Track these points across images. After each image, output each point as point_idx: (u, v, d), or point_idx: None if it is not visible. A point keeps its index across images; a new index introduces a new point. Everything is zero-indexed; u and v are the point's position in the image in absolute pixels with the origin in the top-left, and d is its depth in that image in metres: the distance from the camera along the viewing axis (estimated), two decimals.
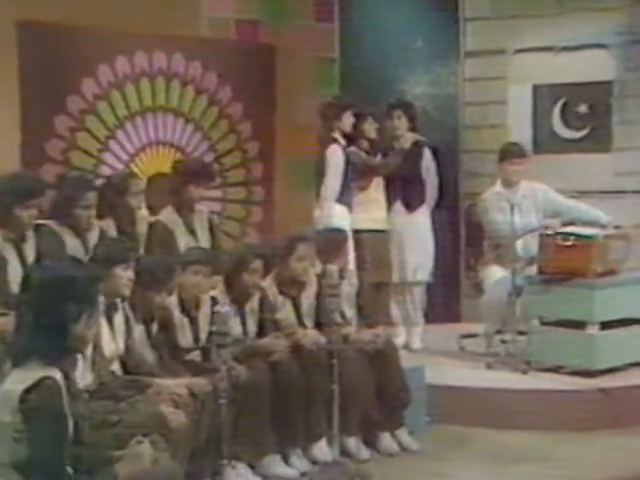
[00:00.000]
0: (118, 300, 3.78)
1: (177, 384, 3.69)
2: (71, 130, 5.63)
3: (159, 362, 3.91)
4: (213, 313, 3.89)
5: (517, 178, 5.41)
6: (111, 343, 3.71)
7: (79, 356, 3.08)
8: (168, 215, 4.72)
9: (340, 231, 4.98)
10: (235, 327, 4.17)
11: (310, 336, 4.29)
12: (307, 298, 4.49)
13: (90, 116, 5.73)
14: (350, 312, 4.71)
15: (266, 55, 6.47)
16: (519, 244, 5.23)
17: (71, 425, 2.65)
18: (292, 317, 4.44)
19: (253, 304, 4.31)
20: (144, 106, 5.99)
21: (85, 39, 5.61)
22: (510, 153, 5.46)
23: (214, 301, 4.12)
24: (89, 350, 3.47)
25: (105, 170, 5.73)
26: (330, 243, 4.72)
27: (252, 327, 4.30)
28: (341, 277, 4.63)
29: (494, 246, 5.45)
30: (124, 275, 3.73)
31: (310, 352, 4.20)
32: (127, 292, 3.77)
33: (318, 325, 4.43)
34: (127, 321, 3.84)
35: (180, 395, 3.62)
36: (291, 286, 4.46)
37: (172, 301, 4.05)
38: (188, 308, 4.09)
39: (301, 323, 4.46)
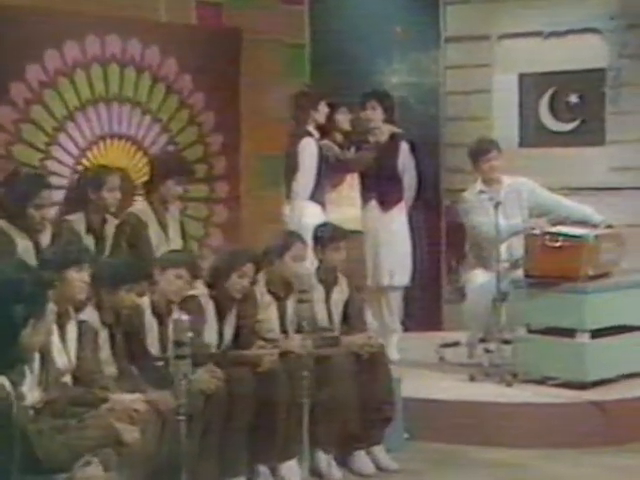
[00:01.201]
0: (70, 307, 3.72)
1: (135, 399, 3.64)
2: (15, 122, 5.51)
3: (118, 373, 3.86)
4: (171, 321, 3.80)
5: (494, 175, 5.38)
6: (63, 354, 3.65)
7: (26, 368, 3.04)
8: (142, 208, 4.74)
9: (338, 228, 4.90)
10: (212, 334, 4.16)
11: (295, 343, 4.27)
12: (293, 302, 4.47)
13: (36, 106, 5.61)
14: (337, 320, 4.71)
15: (230, 40, 6.41)
16: (503, 245, 5.20)
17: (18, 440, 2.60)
18: (275, 320, 4.44)
19: (232, 312, 4.30)
20: (96, 95, 5.90)
21: (30, 21, 5.48)
22: (480, 150, 5.42)
23: (187, 303, 4.10)
24: (37, 362, 3.40)
25: (53, 166, 5.62)
26: (328, 238, 4.71)
27: (229, 334, 4.29)
28: (334, 282, 4.69)
29: (476, 248, 5.43)
30: (78, 278, 3.67)
31: (297, 358, 4.18)
32: (82, 296, 3.72)
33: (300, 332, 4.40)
34: (81, 329, 3.77)
35: (138, 411, 3.57)
36: (280, 286, 4.48)
37: (144, 302, 4.03)
38: (160, 313, 4.06)
39: (283, 329, 4.46)
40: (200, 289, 4.27)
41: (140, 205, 4.79)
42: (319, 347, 4.30)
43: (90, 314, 3.84)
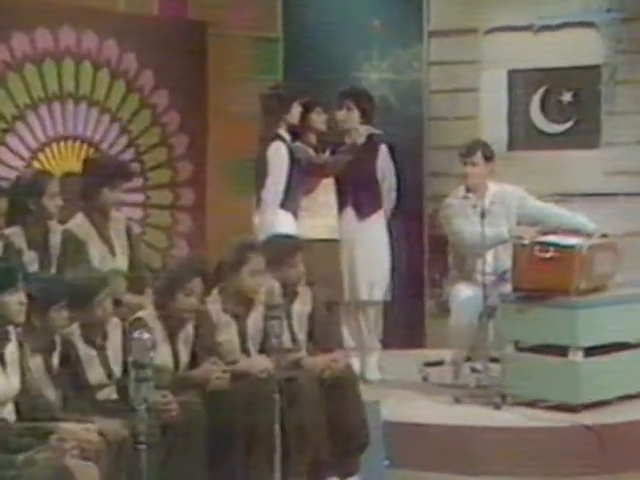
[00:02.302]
0: (10, 328, 3.65)
1: (86, 428, 3.58)
2: None
3: (63, 402, 3.79)
4: (131, 340, 3.72)
5: (477, 180, 5.37)
6: (2, 380, 3.58)
7: None
8: (79, 223, 4.62)
9: (293, 238, 4.93)
10: (165, 357, 4.10)
11: (256, 363, 4.23)
12: (254, 319, 4.44)
13: None
14: (302, 336, 4.67)
15: (195, 34, 6.39)
16: (489, 256, 5.21)
17: None
18: (235, 341, 4.39)
19: (188, 330, 4.24)
20: (49, 93, 5.85)
21: None
22: (463, 152, 5.43)
23: (135, 325, 4.02)
24: None
25: (1, 170, 5.57)
26: (281, 253, 4.66)
27: (185, 356, 4.23)
28: (293, 296, 4.63)
29: (460, 260, 5.43)
30: (14, 301, 3.61)
31: (257, 382, 4.14)
32: (21, 318, 3.65)
33: (263, 352, 4.37)
34: (23, 353, 3.71)
35: (91, 442, 3.52)
36: (238, 304, 4.42)
37: (74, 329, 3.95)
38: (93, 337, 3.99)
39: (244, 349, 4.41)
40: (147, 310, 4.20)
41: (78, 219, 4.65)
42: (282, 369, 4.19)
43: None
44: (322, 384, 4.39)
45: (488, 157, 5.43)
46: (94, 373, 3.97)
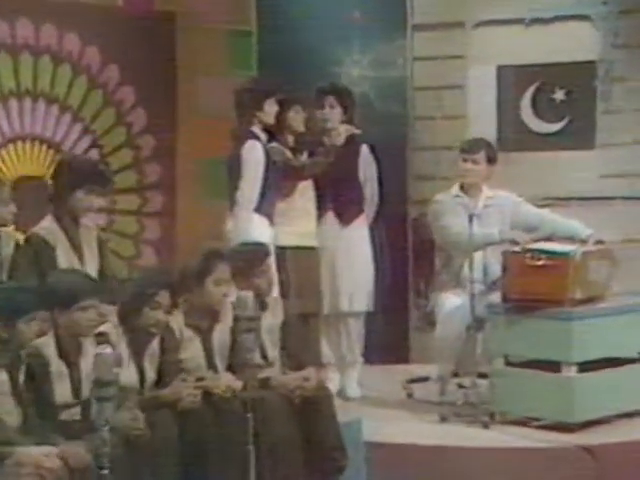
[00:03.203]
0: None
1: (46, 453, 3.54)
2: None
3: (24, 424, 3.72)
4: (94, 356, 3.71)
5: (469, 180, 5.41)
6: None
7: None
8: (48, 227, 4.58)
9: (261, 245, 4.92)
10: (131, 374, 4.08)
11: (222, 381, 4.20)
12: (220, 333, 4.42)
13: None
14: (273, 351, 4.66)
15: (163, 26, 6.39)
16: (478, 263, 5.22)
17: None
18: (201, 357, 4.37)
19: (154, 346, 4.22)
20: (5, 89, 5.81)
21: None
22: (462, 147, 5.48)
23: (99, 340, 3.98)
24: None
25: None
26: (249, 261, 4.66)
27: (151, 374, 4.20)
28: (262, 307, 4.59)
29: (447, 261, 5.45)
30: None
31: (222, 402, 4.11)
32: None
33: (232, 368, 4.36)
34: None
35: (51, 469, 3.48)
36: (202, 317, 4.39)
37: (47, 342, 3.90)
38: (67, 352, 3.95)
39: (211, 365, 4.39)
40: (111, 324, 4.16)
41: (46, 222, 4.61)
42: (249, 388, 4.16)
43: None
44: (293, 404, 4.36)
45: (491, 159, 5.47)
46: (61, 391, 3.92)
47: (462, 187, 5.46)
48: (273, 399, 4.31)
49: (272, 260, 4.96)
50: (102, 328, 4.11)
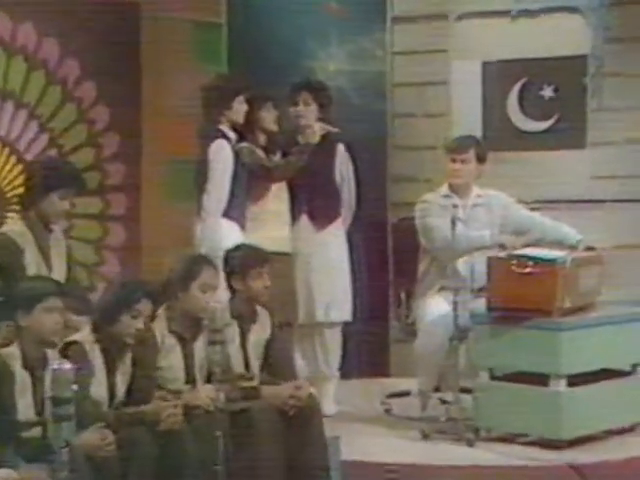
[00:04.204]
0: None
1: (5, 477, 3.54)
2: None
3: None
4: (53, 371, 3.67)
5: (458, 181, 5.46)
6: None
7: None
8: (17, 229, 4.58)
9: (259, 249, 4.90)
10: (101, 388, 4.09)
11: (199, 394, 4.22)
12: (202, 344, 4.43)
13: None
14: (255, 364, 4.68)
15: (127, 16, 6.36)
16: (464, 269, 5.25)
17: None
18: (179, 368, 4.39)
19: (126, 357, 4.23)
20: None
21: None
22: (449, 146, 5.52)
23: (70, 350, 4.02)
24: None
25: None
26: (245, 262, 4.69)
27: (121, 388, 4.21)
28: (251, 316, 4.64)
29: (429, 264, 5.46)
30: None
31: (206, 415, 4.13)
32: None
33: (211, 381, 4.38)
34: None
35: None
36: (186, 325, 4.42)
37: (13, 352, 3.90)
38: (32, 363, 3.93)
39: (190, 377, 4.40)
40: (84, 332, 4.18)
41: (16, 225, 4.62)
42: (234, 400, 4.25)
43: None
44: (283, 416, 4.38)
45: (481, 157, 5.52)
46: (24, 407, 3.89)
47: (451, 186, 5.49)
48: (257, 412, 4.32)
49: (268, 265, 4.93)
50: (75, 337, 4.13)
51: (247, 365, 4.64)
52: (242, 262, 4.69)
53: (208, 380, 4.39)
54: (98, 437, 3.81)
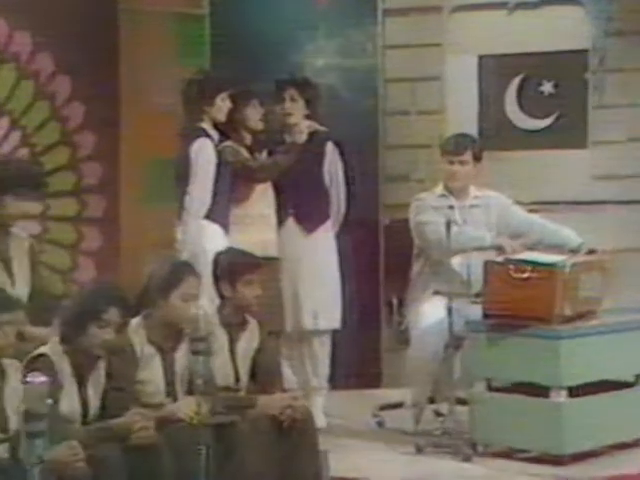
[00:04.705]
0: None
1: None
2: None
3: None
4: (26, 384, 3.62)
5: (456, 182, 5.47)
6: None
7: None
8: None
9: (251, 254, 4.89)
10: (72, 402, 4.03)
11: (181, 407, 4.18)
12: (183, 355, 4.38)
13: None
14: (244, 374, 4.65)
15: (104, 8, 6.34)
16: (460, 270, 5.27)
17: None
18: (159, 380, 4.35)
19: (99, 369, 4.17)
20: None
21: None
22: (446, 147, 5.52)
23: (36, 363, 3.95)
24: None
25: None
26: (237, 267, 4.66)
27: (95, 402, 4.14)
28: (241, 325, 4.63)
29: (423, 265, 5.46)
30: None
31: (189, 428, 4.07)
32: None
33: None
34: None
35: None
36: (166, 335, 4.38)
37: None
38: None
39: (171, 390, 4.35)
40: (52, 344, 4.11)
41: None
42: (220, 413, 4.21)
43: None
44: (274, 429, 4.35)
45: (477, 157, 5.53)
46: None
47: (447, 186, 5.50)
48: (246, 425, 4.29)
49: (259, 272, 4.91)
50: (42, 349, 4.06)
51: (237, 375, 4.60)
52: (232, 267, 4.67)
53: (190, 392, 4.30)
54: (68, 453, 3.74)
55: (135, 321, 4.36)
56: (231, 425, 4.25)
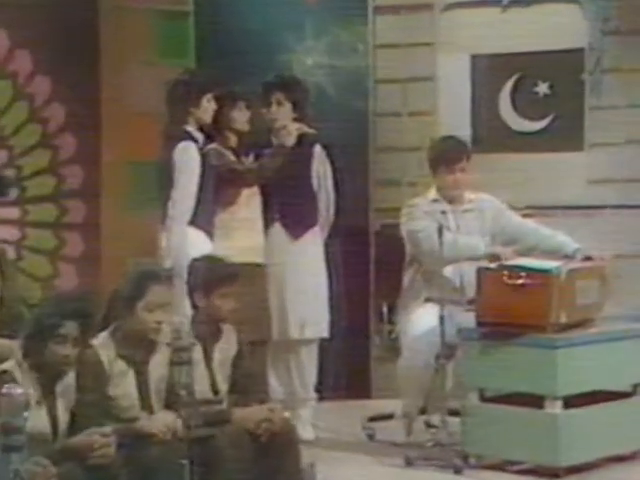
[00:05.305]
0: None
1: None
2: None
3: None
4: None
5: (458, 190, 5.48)
6: None
7: None
8: None
9: (230, 264, 4.87)
10: (40, 419, 3.99)
11: (159, 421, 4.17)
12: (158, 366, 4.37)
13: None
14: (223, 386, 4.63)
15: (84, 5, 6.30)
16: (452, 278, 5.27)
17: None
18: (133, 394, 4.32)
19: (67, 384, 4.14)
20: None
21: None
22: (445, 157, 5.47)
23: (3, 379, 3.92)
24: None
25: None
26: (214, 272, 4.65)
27: (64, 417, 4.12)
28: (216, 334, 4.61)
29: (415, 273, 5.45)
30: None
31: (159, 445, 4.07)
32: None
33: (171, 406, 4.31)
34: None
35: None
36: (136, 347, 4.35)
37: None
38: None
39: (146, 404, 4.34)
40: (17, 358, 4.08)
41: None
42: (198, 426, 4.12)
43: None
44: (254, 442, 4.34)
45: (469, 158, 5.50)
46: None
47: (440, 191, 5.49)
48: (225, 439, 4.27)
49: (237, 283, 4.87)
50: (4, 366, 4.03)
51: (214, 387, 4.58)
52: (207, 279, 4.62)
53: (169, 404, 4.31)
54: (38, 469, 3.71)
55: (103, 335, 4.32)
56: (208, 440, 4.19)
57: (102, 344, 4.29)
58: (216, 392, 4.58)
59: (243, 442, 4.33)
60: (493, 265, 5.14)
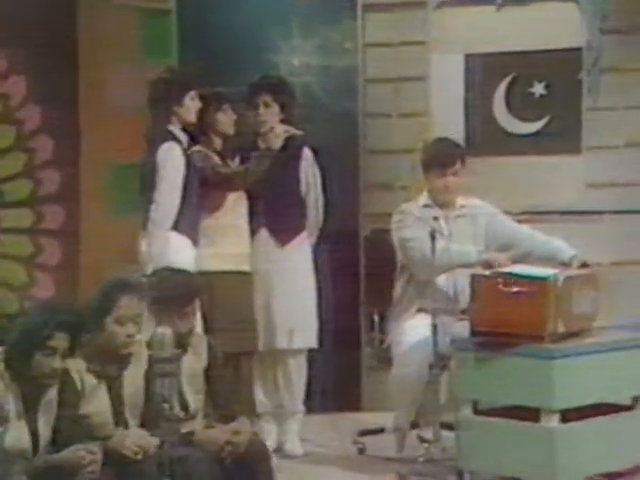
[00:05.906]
0: None
1: None
2: None
3: None
4: None
5: (450, 194, 5.49)
6: None
7: None
8: None
9: (184, 272, 4.88)
10: (20, 435, 4.01)
11: (132, 439, 4.14)
12: (132, 380, 4.36)
13: None
14: (195, 401, 4.61)
15: (62, 2, 6.32)
16: (447, 287, 5.28)
17: None
18: (107, 410, 4.31)
19: (50, 398, 4.14)
20: None
21: None
22: (437, 160, 5.48)
23: None
24: None
25: None
26: (171, 298, 4.60)
27: (46, 433, 4.11)
28: (182, 346, 4.56)
29: (407, 282, 5.46)
30: None
31: (133, 464, 4.06)
32: None
33: (146, 422, 4.33)
34: None
35: None
36: (108, 362, 4.33)
37: None
38: None
39: (120, 420, 4.33)
40: None
41: None
42: (174, 444, 4.18)
43: None
44: (222, 464, 4.33)
45: (463, 163, 5.52)
46: None
47: (432, 195, 5.51)
48: (197, 459, 4.25)
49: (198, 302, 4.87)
50: None
51: (183, 404, 4.54)
52: (165, 297, 4.58)
53: (142, 422, 4.32)
54: None
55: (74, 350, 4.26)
56: (181, 459, 4.19)
57: (72, 360, 4.23)
58: (185, 408, 4.54)
59: (209, 463, 4.29)
60: (487, 272, 5.11)
